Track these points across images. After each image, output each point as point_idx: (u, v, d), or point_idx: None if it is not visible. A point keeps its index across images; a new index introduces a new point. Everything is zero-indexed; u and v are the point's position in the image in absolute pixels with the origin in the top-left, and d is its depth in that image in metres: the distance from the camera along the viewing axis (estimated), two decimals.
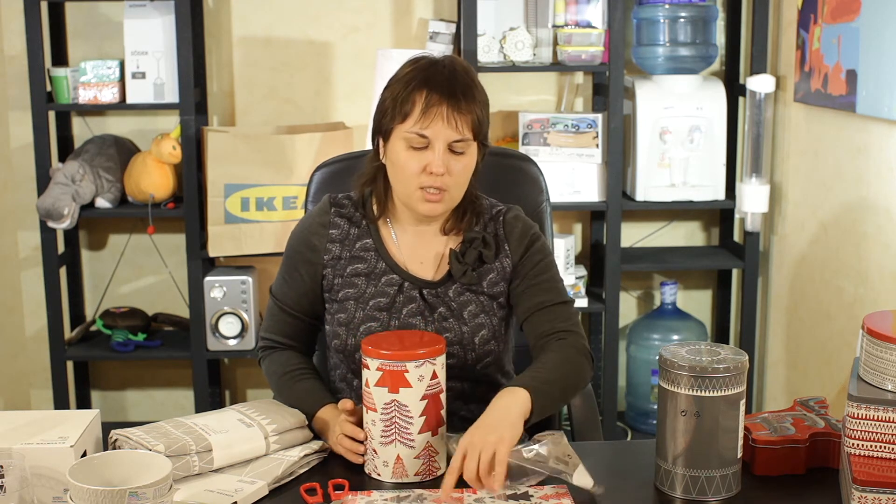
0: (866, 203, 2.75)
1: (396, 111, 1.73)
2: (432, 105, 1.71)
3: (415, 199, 1.75)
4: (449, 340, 1.77)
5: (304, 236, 1.86)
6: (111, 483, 1.36)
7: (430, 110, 1.71)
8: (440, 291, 1.82)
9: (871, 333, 1.50)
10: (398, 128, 1.73)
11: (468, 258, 1.80)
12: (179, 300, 3.61)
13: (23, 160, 3.50)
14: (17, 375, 3.65)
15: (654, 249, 3.64)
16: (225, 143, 3.25)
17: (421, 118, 1.71)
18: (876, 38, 2.62)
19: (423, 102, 1.71)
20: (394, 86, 1.76)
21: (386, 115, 1.76)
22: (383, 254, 1.83)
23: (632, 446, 2.23)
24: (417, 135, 1.72)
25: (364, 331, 1.78)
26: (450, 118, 1.71)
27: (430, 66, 1.75)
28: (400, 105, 1.73)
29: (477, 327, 1.81)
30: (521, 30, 3.36)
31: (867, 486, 1.43)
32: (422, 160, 1.72)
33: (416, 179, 1.73)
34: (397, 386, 1.58)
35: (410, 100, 1.72)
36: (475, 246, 1.80)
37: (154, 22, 3.27)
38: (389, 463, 1.60)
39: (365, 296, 1.81)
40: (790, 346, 3.31)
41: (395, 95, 1.74)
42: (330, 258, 1.84)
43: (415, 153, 1.73)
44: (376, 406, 1.59)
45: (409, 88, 1.72)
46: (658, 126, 3.34)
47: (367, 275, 1.82)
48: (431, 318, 1.80)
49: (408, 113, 1.72)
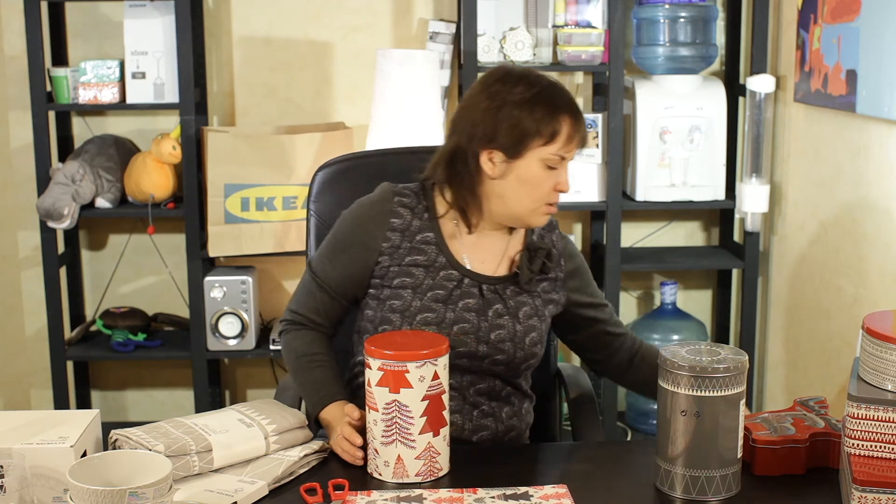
0: (866, 203, 2.75)
1: (542, 132, 1.76)
2: (577, 130, 1.79)
3: (536, 215, 1.82)
4: (501, 337, 1.83)
5: (361, 221, 1.87)
6: (111, 483, 1.36)
7: (576, 135, 1.79)
8: (498, 289, 1.86)
9: (871, 333, 1.50)
10: (539, 148, 1.77)
11: (534, 266, 1.86)
12: (179, 300, 3.62)
13: (23, 160, 3.50)
14: (17, 375, 3.65)
15: (654, 249, 3.64)
16: (225, 143, 3.25)
17: (567, 142, 1.78)
18: (876, 38, 2.62)
19: (571, 127, 1.78)
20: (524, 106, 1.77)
21: (528, 135, 1.77)
22: (444, 249, 1.85)
23: (632, 446, 2.23)
24: (559, 157, 1.78)
25: (420, 320, 1.80)
26: (580, 140, 1.81)
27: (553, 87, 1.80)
28: (545, 127, 1.76)
29: (529, 328, 1.85)
30: (521, 30, 3.36)
31: (867, 486, 1.43)
32: (554, 179, 1.80)
33: (548, 197, 1.81)
34: (398, 386, 1.58)
35: (557, 122, 1.77)
36: (541, 255, 1.87)
37: (154, 22, 3.27)
38: (390, 463, 1.60)
39: (423, 287, 1.83)
40: (790, 346, 3.31)
41: (539, 117, 1.76)
42: (389, 246, 1.85)
43: (550, 172, 1.79)
44: (377, 406, 1.60)
45: (554, 112, 1.77)
46: (658, 126, 3.34)
47: (426, 266, 1.84)
48: (487, 313, 1.83)
49: (555, 135, 1.77)
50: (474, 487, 1.56)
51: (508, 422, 1.88)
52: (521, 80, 1.79)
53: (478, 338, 1.82)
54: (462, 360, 1.82)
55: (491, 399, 1.87)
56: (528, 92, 1.77)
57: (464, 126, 1.82)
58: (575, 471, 1.71)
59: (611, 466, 1.73)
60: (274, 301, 3.65)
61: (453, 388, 1.82)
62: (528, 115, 1.76)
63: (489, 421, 1.86)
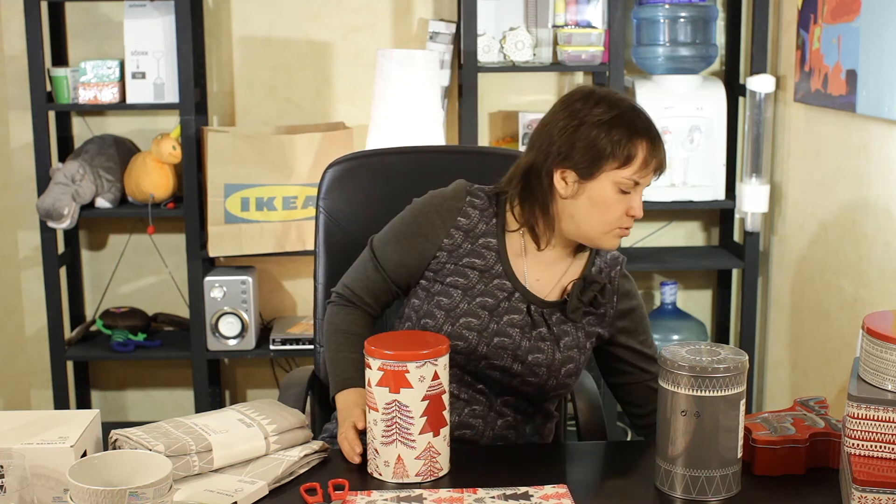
0: (866, 203, 2.75)
1: (618, 155, 1.74)
2: (654, 156, 1.76)
3: (608, 238, 1.80)
4: (538, 361, 1.81)
5: (430, 212, 1.86)
6: (111, 483, 1.36)
7: (651, 161, 1.76)
8: (545, 312, 1.84)
9: (871, 333, 1.50)
10: (613, 171, 1.75)
11: (585, 297, 1.83)
12: (179, 300, 3.62)
13: (23, 160, 3.50)
14: (17, 375, 3.65)
15: (654, 249, 3.64)
16: (225, 143, 3.25)
17: (642, 167, 1.75)
18: (876, 38, 2.62)
19: (647, 152, 1.75)
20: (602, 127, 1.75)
21: (602, 157, 1.75)
22: (503, 258, 1.84)
23: (632, 446, 2.23)
24: (633, 181, 1.75)
25: (463, 323, 1.79)
26: (657, 169, 1.78)
27: (633, 110, 1.78)
28: (621, 149, 1.74)
29: (567, 359, 1.83)
30: (521, 30, 3.36)
31: (867, 486, 1.43)
32: (626, 203, 1.77)
33: (620, 221, 1.78)
34: (398, 386, 1.58)
35: (633, 145, 1.74)
36: (594, 289, 1.84)
37: (154, 22, 3.27)
38: (390, 463, 1.60)
39: (473, 290, 1.81)
40: (790, 346, 3.31)
41: (616, 139, 1.74)
42: (450, 243, 1.84)
43: (622, 196, 1.76)
44: (377, 406, 1.60)
45: (632, 135, 1.75)
46: (658, 126, 3.32)
47: (481, 271, 1.83)
48: (530, 334, 1.82)
49: (631, 159, 1.74)
50: (474, 487, 1.56)
51: (530, 438, 1.88)
52: (602, 100, 1.77)
53: (515, 356, 1.80)
54: (495, 373, 1.81)
55: (517, 412, 1.87)
56: (608, 114, 1.75)
57: (541, 143, 1.80)
58: (575, 471, 1.71)
59: (611, 466, 1.73)
60: (274, 301, 3.65)
61: (482, 393, 1.83)
62: (605, 137, 1.74)
63: (511, 433, 1.85)
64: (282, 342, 3.37)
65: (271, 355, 3.42)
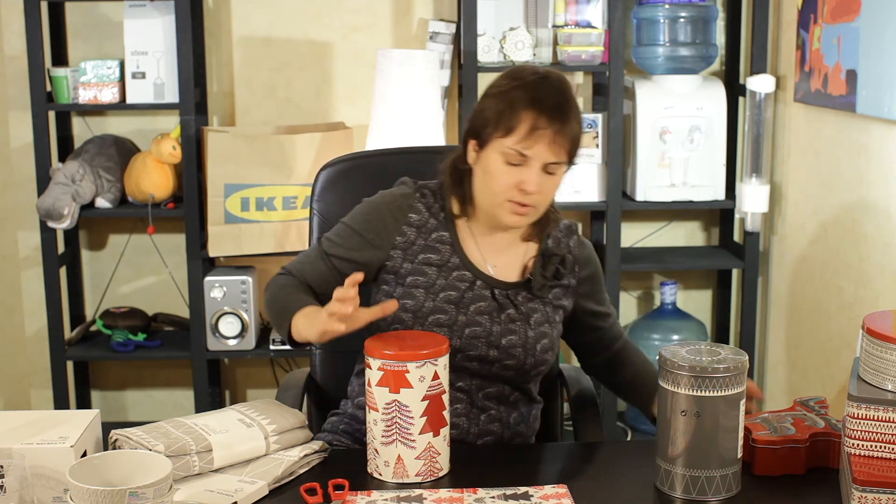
0: (866, 203, 2.75)
1: (501, 124, 1.73)
2: (539, 127, 1.70)
3: (502, 211, 1.77)
4: (512, 343, 1.81)
5: (381, 210, 1.86)
6: (111, 483, 1.36)
7: (536, 132, 1.70)
8: (510, 294, 1.84)
9: (871, 333, 1.50)
10: (498, 140, 1.73)
11: (547, 272, 1.83)
12: (179, 300, 3.61)
13: (23, 160, 3.50)
14: (17, 375, 3.65)
15: (654, 249, 3.64)
16: (225, 143, 3.25)
17: (525, 138, 1.71)
18: (876, 38, 2.62)
19: (531, 123, 1.71)
20: (498, 97, 1.75)
21: (488, 125, 1.75)
22: (458, 249, 1.84)
23: (632, 446, 2.23)
24: (518, 153, 1.72)
25: (432, 321, 1.79)
26: (553, 142, 1.71)
27: (539, 82, 1.74)
28: (505, 119, 1.72)
29: (540, 335, 1.84)
30: (521, 30, 3.36)
31: (867, 486, 1.43)
32: (516, 176, 1.73)
33: (507, 193, 1.75)
34: (398, 386, 1.58)
35: (517, 117, 1.71)
36: (554, 262, 1.84)
37: (154, 22, 3.27)
38: (390, 463, 1.60)
39: (435, 287, 1.81)
40: (790, 346, 3.31)
41: (501, 108, 1.73)
42: (403, 241, 1.84)
43: (510, 168, 1.73)
44: (378, 406, 1.60)
45: (516, 104, 1.72)
46: (658, 126, 3.34)
47: (438, 266, 1.83)
48: (499, 318, 1.82)
49: (512, 129, 1.72)
50: (474, 487, 1.56)
51: (515, 428, 1.88)
52: (513, 74, 1.77)
53: (489, 342, 1.81)
54: (472, 364, 1.81)
55: (500, 403, 1.86)
56: (508, 85, 1.75)
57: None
58: (575, 471, 1.71)
59: (611, 466, 1.73)
60: None
61: (461, 391, 1.82)
62: (494, 106, 1.74)
63: (496, 426, 1.85)
64: (282, 342, 3.37)
65: (271, 355, 3.42)
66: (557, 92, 1.73)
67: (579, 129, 1.76)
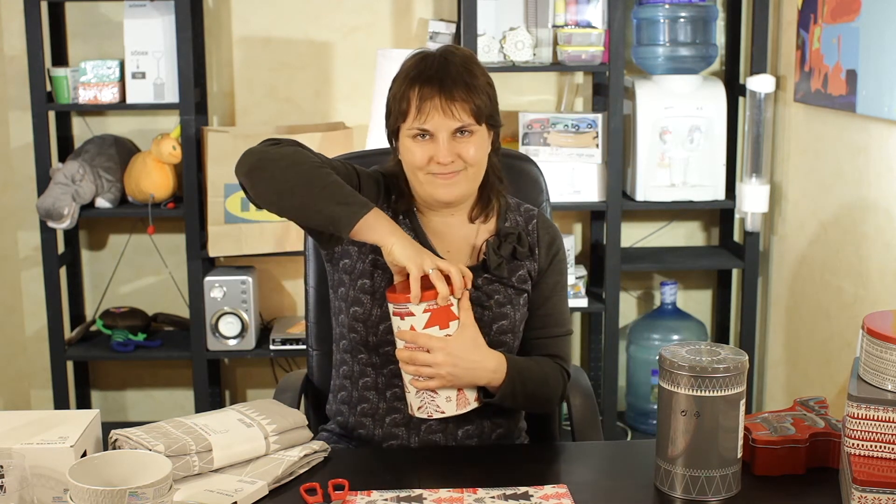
0: (866, 203, 2.75)
1: (397, 112, 1.76)
2: (425, 99, 1.72)
3: (430, 187, 1.77)
4: None
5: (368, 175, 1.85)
6: (111, 483, 1.36)
7: (424, 105, 1.72)
8: None
9: (871, 333, 1.50)
10: (402, 126, 1.76)
11: (503, 251, 1.82)
12: (179, 300, 3.62)
13: (23, 160, 3.50)
14: (17, 375, 3.65)
15: (654, 249, 3.64)
16: (225, 143, 3.25)
17: (418, 114, 1.73)
18: (876, 38, 2.63)
19: (417, 98, 1.73)
20: (391, 90, 1.79)
21: (391, 116, 1.79)
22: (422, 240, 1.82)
23: (632, 446, 2.23)
24: (419, 129, 1.74)
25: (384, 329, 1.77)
26: (445, 109, 1.72)
27: (420, 60, 1.77)
28: (398, 104, 1.76)
29: (499, 315, 1.82)
30: (521, 30, 3.36)
31: (867, 486, 1.43)
32: (428, 151, 1.74)
33: (426, 168, 1.75)
34: (447, 320, 1.65)
35: (406, 97, 1.74)
36: (510, 241, 1.83)
37: (154, 22, 3.27)
38: (452, 398, 1.68)
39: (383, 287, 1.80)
40: (790, 346, 3.31)
41: (394, 95, 1.77)
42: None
43: (421, 144, 1.74)
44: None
45: (403, 87, 1.75)
46: (658, 126, 3.34)
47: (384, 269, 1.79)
48: None
49: (406, 111, 1.74)
50: (474, 487, 1.56)
51: (495, 419, 1.85)
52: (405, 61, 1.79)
53: None
54: None
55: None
56: (397, 76, 1.78)
57: None
58: (575, 471, 1.71)
59: (611, 466, 1.73)
60: (274, 301, 3.65)
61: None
62: (390, 99, 1.78)
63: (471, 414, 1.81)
64: (282, 342, 3.37)
65: (271, 355, 3.42)
66: (439, 63, 1.75)
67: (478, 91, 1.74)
